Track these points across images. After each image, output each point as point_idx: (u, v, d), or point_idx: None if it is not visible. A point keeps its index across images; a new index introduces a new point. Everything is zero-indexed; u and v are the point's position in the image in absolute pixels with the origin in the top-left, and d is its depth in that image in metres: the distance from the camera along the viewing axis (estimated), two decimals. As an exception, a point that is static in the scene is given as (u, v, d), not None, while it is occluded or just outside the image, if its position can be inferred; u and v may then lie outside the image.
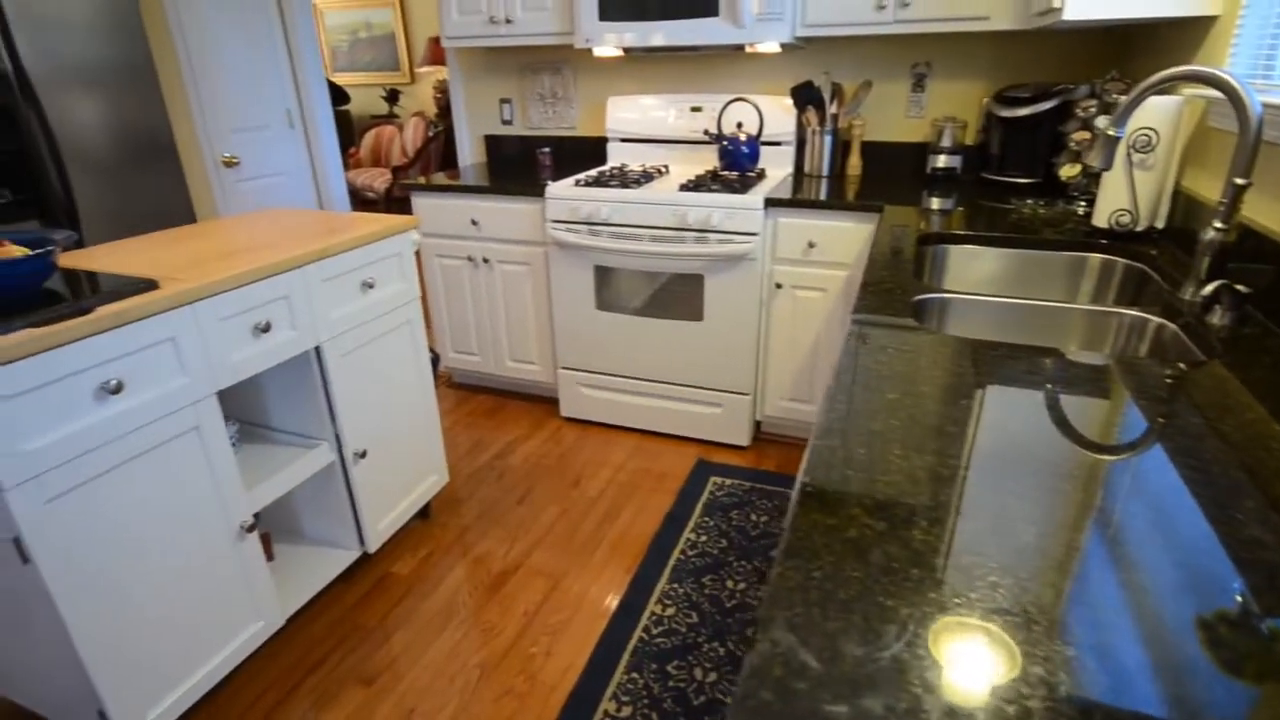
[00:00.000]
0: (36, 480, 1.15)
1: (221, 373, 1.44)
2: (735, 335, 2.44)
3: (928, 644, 0.52)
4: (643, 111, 2.84)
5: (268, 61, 3.36)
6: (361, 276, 1.77)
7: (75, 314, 1.20)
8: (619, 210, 2.41)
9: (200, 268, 1.47)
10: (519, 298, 2.76)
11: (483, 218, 2.67)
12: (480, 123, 3.26)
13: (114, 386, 1.23)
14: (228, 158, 3.23)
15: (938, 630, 0.53)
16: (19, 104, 2.40)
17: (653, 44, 2.42)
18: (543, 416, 2.93)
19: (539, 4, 2.58)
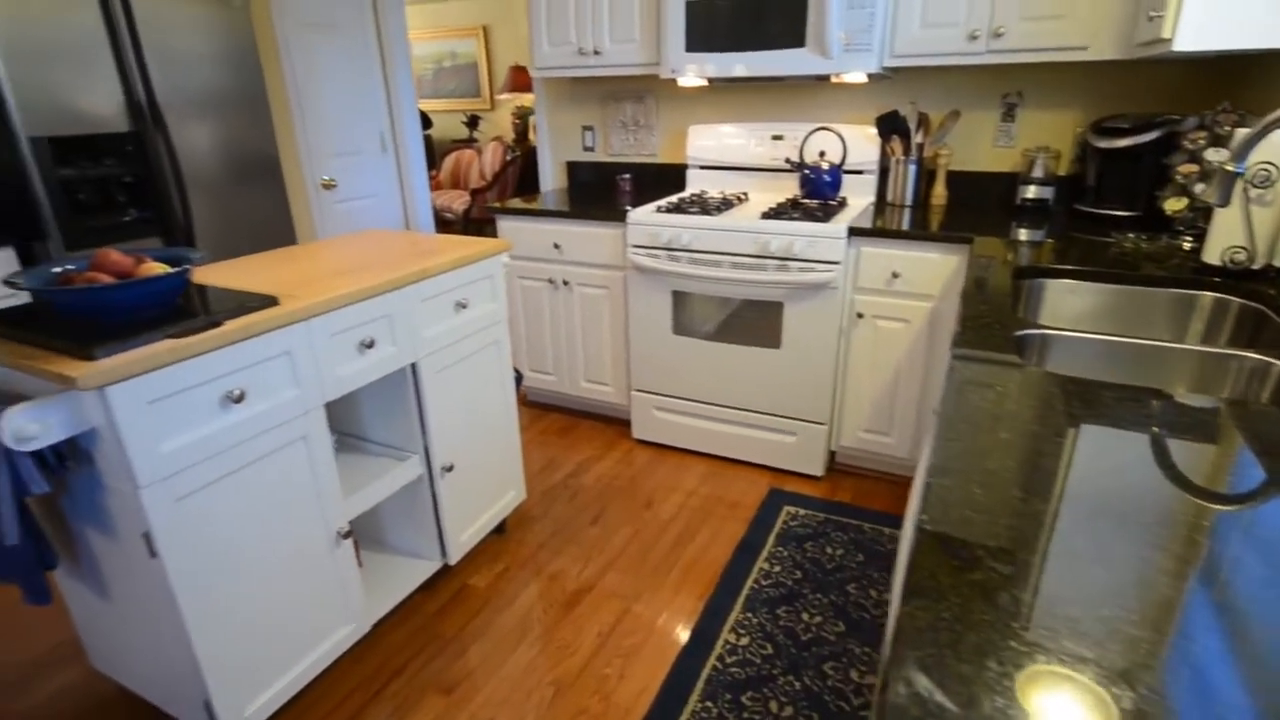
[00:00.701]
0: (168, 480, 1.24)
1: (329, 385, 1.52)
2: (813, 364, 2.42)
3: (1059, 693, 0.51)
4: (723, 139, 2.87)
5: (366, 90, 3.56)
6: (456, 297, 1.84)
7: (208, 327, 1.29)
8: (700, 236, 2.44)
9: (313, 286, 1.56)
10: (596, 320, 2.81)
11: (565, 241, 2.74)
12: (563, 149, 3.36)
13: (237, 396, 1.32)
14: (326, 180, 3.42)
15: (1070, 679, 0.52)
16: (150, 130, 2.60)
17: (738, 75, 2.45)
18: (614, 437, 2.96)
19: (627, 36, 2.65)
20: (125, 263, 1.33)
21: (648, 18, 2.60)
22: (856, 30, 2.25)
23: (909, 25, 2.26)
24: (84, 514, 1.36)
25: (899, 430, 2.42)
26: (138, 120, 2.57)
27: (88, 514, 1.35)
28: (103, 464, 1.23)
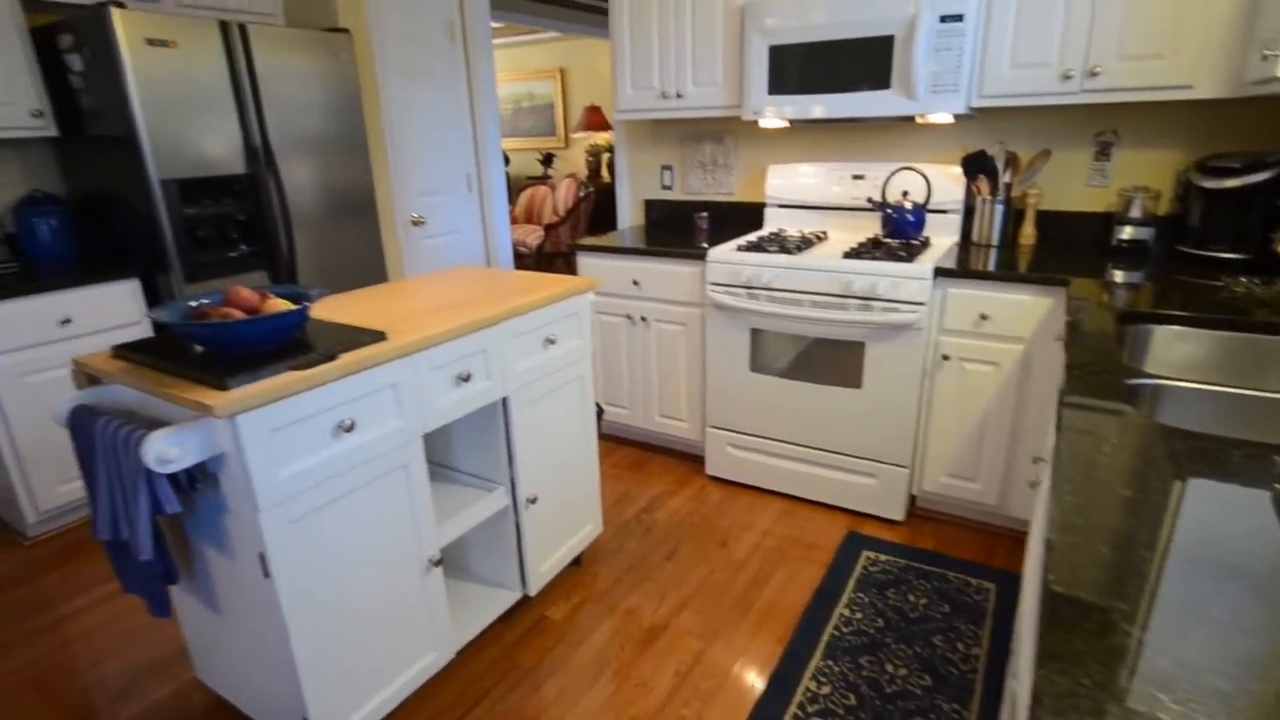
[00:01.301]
0: (284, 504, 1.31)
1: (429, 417, 1.59)
2: (895, 405, 2.38)
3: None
4: (802, 179, 2.89)
5: (455, 132, 3.74)
6: (545, 333, 1.90)
7: (325, 360, 1.37)
8: (780, 275, 2.44)
9: (415, 322, 1.64)
10: (673, 356, 2.84)
11: (644, 278, 2.79)
12: (641, 187, 3.44)
13: (348, 425, 1.39)
14: (415, 217, 3.59)
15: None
16: (263, 172, 2.81)
17: (821, 116, 2.47)
18: (687, 473, 2.96)
19: (710, 79, 2.72)
20: (253, 299, 1.44)
21: (730, 62, 2.66)
22: (943, 72, 2.24)
23: (998, 66, 2.24)
24: (205, 533, 1.45)
25: (986, 477, 2.34)
26: (253, 163, 2.77)
27: (208, 533, 1.44)
28: (227, 487, 1.31)
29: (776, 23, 2.46)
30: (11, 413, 2.43)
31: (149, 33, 2.40)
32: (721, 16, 2.63)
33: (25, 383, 2.45)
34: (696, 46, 2.72)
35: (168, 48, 2.45)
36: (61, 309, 2.50)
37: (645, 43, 2.82)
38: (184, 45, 2.49)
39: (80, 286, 2.53)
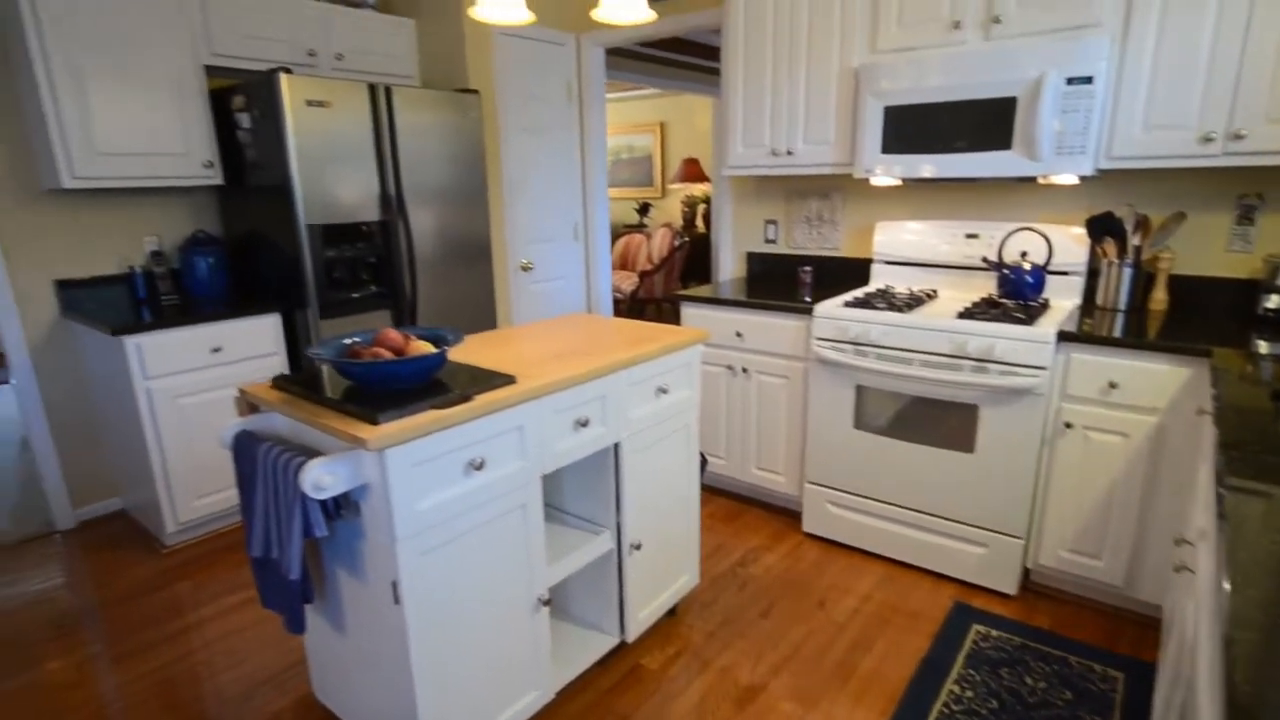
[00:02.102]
0: (418, 535, 1.39)
1: (549, 459, 1.65)
2: (1010, 472, 2.28)
3: None
4: (912, 236, 2.86)
5: (565, 184, 3.92)
6: (658, 382, 1.95)
7: (461, 400, 1.46)
8: (889, 333, 2.41)
9: (539, 366, 1.72)
10: (773, 408, 2.83)
11: (747, 330, 2.81)
12: (744, 240, 3.49)
13: (478, 463, 1.47)
14: (525, 263, 3.77)
15: None
16: (394, 219, 3.03)
17: (937, 176, 2.46)
18: (783, 528, 2.91)
19: (822, 138, 2.76)
20: (399, 340, 1.55)
21: (843, 121, 2.70)
22: (1069, 133, 2.20)
23: (1129, 127, 2.18)
24: (339, 557, 1.55)
25: (1112, 554, 2.19)
26: (386, 210, 3.00)
27: (343, 558, 1.53)
28: (368, 516, 1.40)
29: (892, 85, 2.49)
30: (164, 430, 2.68)
31: (309, 95, 2.66)
32: (835, 78, 2.68)
33: (178, 404, 2.70)
34: (809, 106, 2.77)
35: (324, 107, 2.71)
36: (214, 338, 2.75)
37: (757, 103, 2.90)
38: (337, 105, 2.75)
39: (230, 319, 2.78)
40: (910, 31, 2.50)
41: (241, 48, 2.93)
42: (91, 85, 2.57)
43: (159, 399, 2.64)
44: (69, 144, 2.55)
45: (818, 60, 2.71)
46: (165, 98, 2.75)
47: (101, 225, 2.96)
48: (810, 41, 2.72)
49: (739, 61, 2.92)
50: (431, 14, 3.45)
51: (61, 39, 2.49)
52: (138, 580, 2.65)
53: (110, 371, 2.72)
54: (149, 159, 2.74)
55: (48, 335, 2.89)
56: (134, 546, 2.89)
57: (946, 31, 2.42)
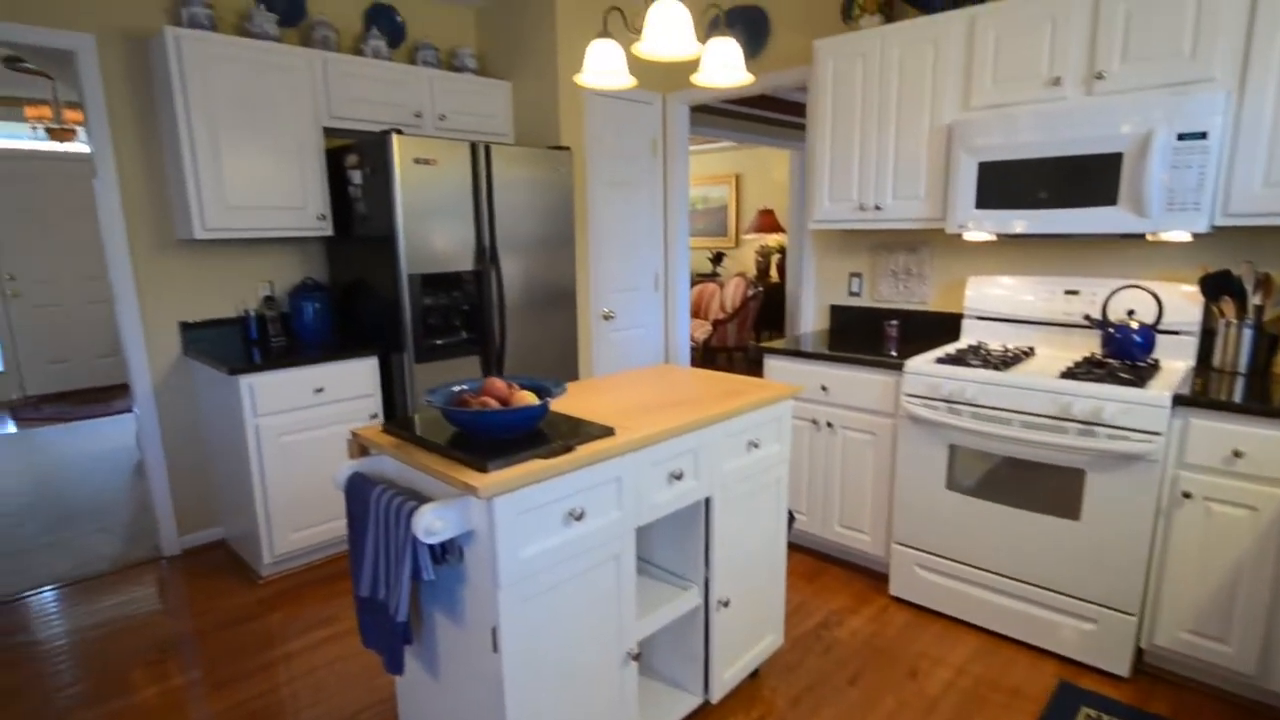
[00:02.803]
0: (519, 583, 1.41)
1: (644, 511, 1.66)
2: (1120, 543, 2.14)
3: None
4: (1007, 292, 2.78)
5: (648, 235, 4.01)
6: (750, 436, 1.94)
7: (564, 451, 1.49)
8: (986, 391, 2.34)
9: (635, 418, 1.74)
10: (859, 465, 2.76)
11: (833, 384, 2.78)
12: (827, 292, 3.47)
13: (578, 514, 1.49)
14: (607, 312, 3.85)
15: None
16: (487, 268, 3.16)
17: (1035, 232, 2.40)
18: (867, 590, 2.80)
19: (912, 193, 2.74)
20: (504, 389, 1.60)
21: (934, 176, 2.68)
22: (1181, 190, 2.12)
23: (1248, 183, 2.09)
24: (439, 602, 1.58)
25: (1241, 639, 2.02)
26: (480, 260, 3.13)
27: (443, 602, 1.56)
28: (471, 561, 1.43)
29: (986, 141, 2.46)
30: (268, 466, 2.82)
31: (417, 153, 2.84)
32: (927, 134, 2.68)
33: (281, 441, 2.85)
34: (899, 162, 2.77)
35: (429, 165, 2.88)
36: (317, 379, 2.90)
37: (845, 158, 2.91)
38: (442, 162, 2.92)
39: (333, 361, 2.94)
40: (1005, 88, 2.48)
41: (356, 110, 3.16)
42: (225, 147, 2.81)
43: (265, 435, 2.79)
44: (203, 199, 2.78)
45: (908, 117, 2.72)
46: (288, 157, 2.98)
47: (222, 272, 3.20)
48: (900, 99, 2.73)
49: (827, 118, 2.95)
50: (527, 77, 3.64)
51: (205, 108, 2.74)
52: (233, 609, 2.76)
53: (223, 408, 2.90)
54: (270, 212, 2.97)
55: (169, 372, 3.12)
56: (232, 576, 3.02)
57: (1045, 88, 2.39)
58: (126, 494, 3.97)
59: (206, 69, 2.73)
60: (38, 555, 3.21)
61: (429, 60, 3.50)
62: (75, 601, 2.84)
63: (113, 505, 3.80)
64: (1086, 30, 2.29)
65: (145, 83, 2.92)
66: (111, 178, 2.87)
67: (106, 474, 4.32)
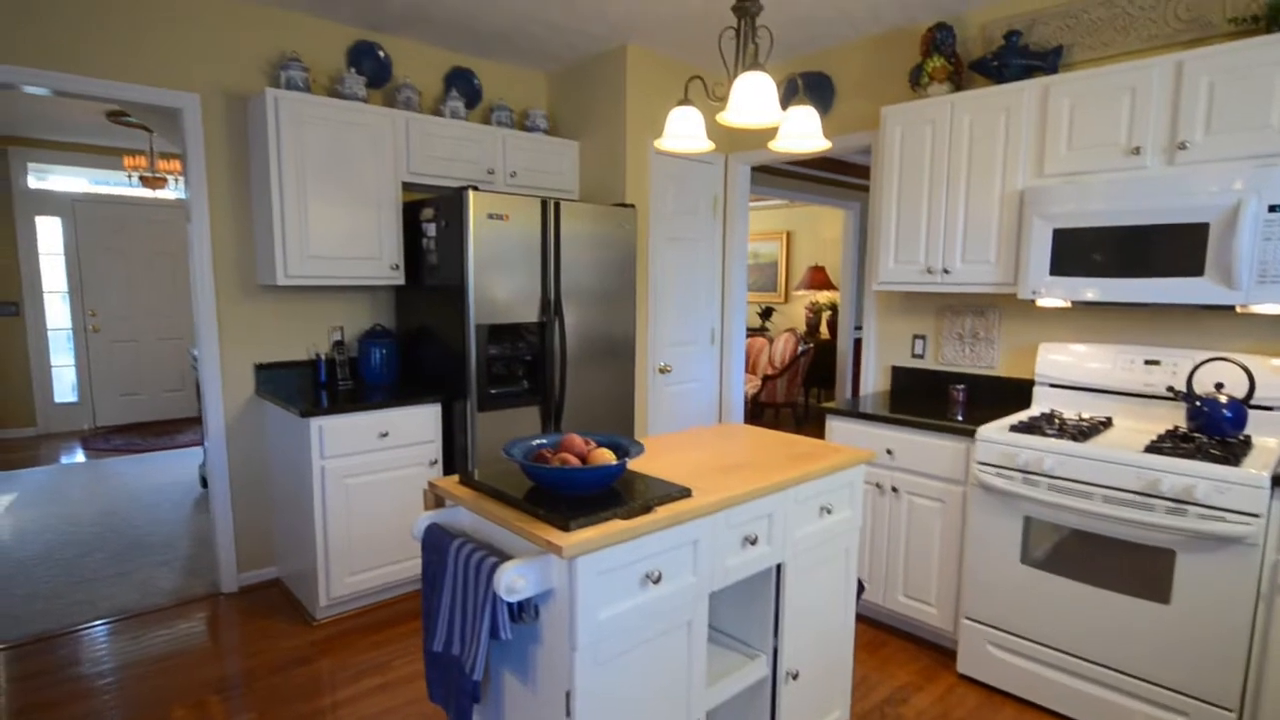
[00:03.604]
0: (596, 645, 1.39)
1: (718, 576, 1.62)
2: (1216, 631, 2.01)
3: None
4: (1080, 359, 2.71)
5: (706, 290, 4.04)
6: (822, 501, 1.90)
7: (643, 511, 1.48)
8: (1065, 463, 2.26)
9: (710, 479, 1.72)
10: (925, 533, 2.68)
11: (899, 448, 2.72)
12: (889, 353, 3.43)
13: (656, 577, 1.47)
14: (663, 366, 3.86)
15: None
16: (551, 320, 3.21)
17: (1113, 300, 2.35)
18: (933, 666, 2.68)
19: (982, 257, 2.72)
20: (583, 446, 1.61)
21: (1005, 242, 2.65)
22: (1274, 261, 2.06)
23: (1347, 257, 2.01)
24: (511, 661, 1.56)
25: (1357, 746, 1.86)
26: (544, 312, 3.19)
27: (515, 662, 1.54)
28: (547, 621, 1.42)
29: (1062, 208, 2.44)
30: (330, 508, 2.86)
31: (491, 209, 2.94)
32: (998, 199, 2.67)
33: (345, 484, 2.89)
34: (969, 226, 2.75)
35: (501, 220, 2.97)
36: (383, 424, 2.96)
37: (913, 221, 2.91)
38: (513, 218, 3.01)
39: (399, 406, 2.99)
40: (1081, 156, 2.46)
41: (433, 167, 3.30)
42: (312, 199, 2.95)
43: (330, 477, 2.84)
44: (288, 248, 2.91)
45: (978, 182, 2.72)
46: (368, 210, 3.11)
47: (297, 316, 3.32)
48: (971, 165, 2.73)
49: (893, 182, 2.97)
50: (596, 136, 3.76)
51: (295, 163, 2.90)
52: (286, 652, 2.77)
53: (291, 448, 2.98)
54: (348, 262, 3.09)
55: (241, 410, 3.22)
56: (286, 616, 3.04)
57: (1123, 157, 2.37)
58: (188, 526, 4.07)
59: (300, 127, 2.89)
60: (104, 586, 3.29)
61: (503, 120, 3.65)
62: (135, 634, 2.88)
63: (176, 538, 3.89)
64: (1168, 101, 2.28)
65: (241, 138, 3.10)
66: (205, 225, 3.03)
67: (170, 506, 4.44)
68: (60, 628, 2.90)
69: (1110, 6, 2.64)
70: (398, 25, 3.31)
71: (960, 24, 3.04)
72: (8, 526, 4.07)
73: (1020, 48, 2.73)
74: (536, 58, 3.75)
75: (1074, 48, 2.74)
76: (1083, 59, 2.73)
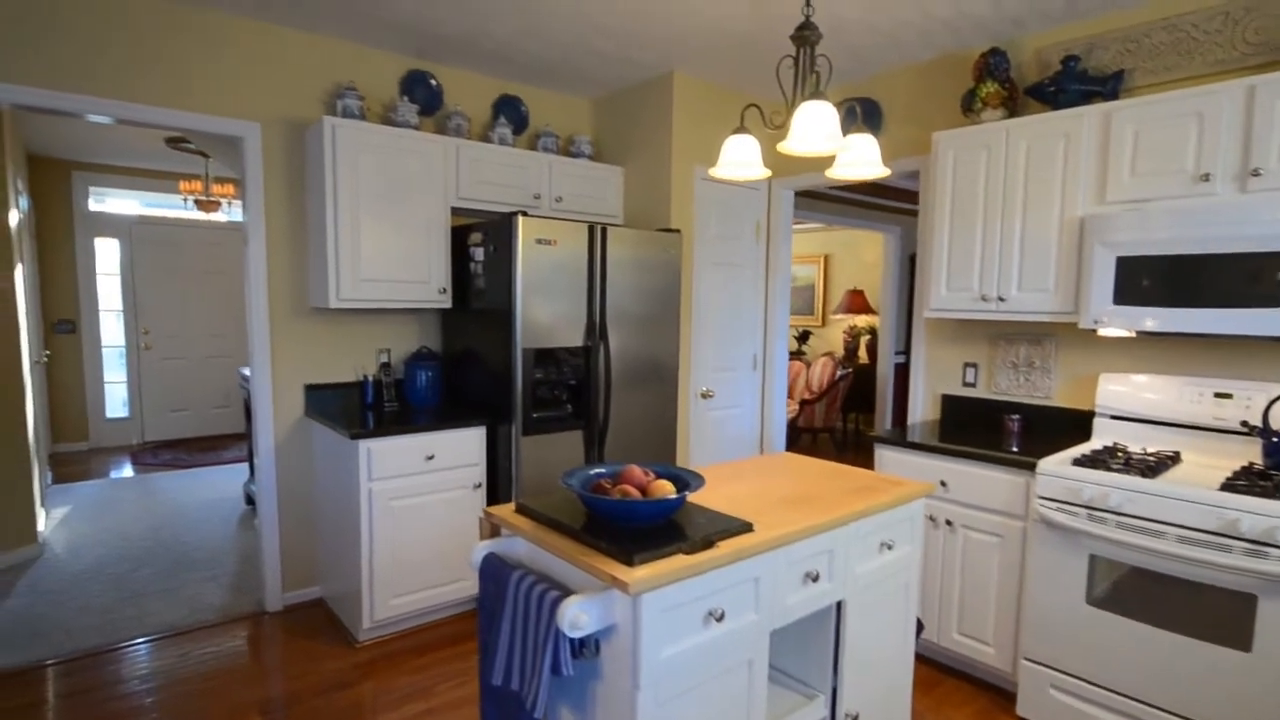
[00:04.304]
0: (658, 684, 1.35)
1: (778, 614, 1.58)
2: (1303, 684, 1.90)
3: None
4: (1145, 391, 2.62)
5: (749, 315, 4.02)
6: (882, 537, 1.85)
7: (706, 546, 1.45)
8: (1134, 500, 2.17)
9: (769, 513, 1.68)
10: (982, 568, 2.59)
11: (954, 480, 2.64)
12: (939, 381, 3.35)
13: (718, 615, 1.43)
14: (705, 391, 3.83)
15: None
16: (595, 345, 3.21)
17: (1183, 331, 2.27)
18: (990, 708, 2.57)
19: (1040, 284, 2.65)
20: (643, 478, 1.59)
21: (1065, 269, 2.59)
22: (1359, 293, 1.97)
23: None
24: (569, 697, 1.53)
25: None
26: (589, 336, 3.19)
27: (573, 698, 1.52)
28: (608, 658, 1.39)
29: (1126, 236, 2.37)
30: (376, 529, 2.87)
31: (539, 234, 2.96)
32: (1056, 226, 2.61)
33: (391, 506, 2.90)
34: (1025, 254, 2.69)
35: (549, 245, 2.99)
36: (430, 447, 2.97)
37: (966, 248, 2.86)
38: (561, 243, 3.03)
39: (445, 429, 3.01)
40: (1146, 182, 2.40)
41: (481, 192, 3.35)
42: (364, 224, 3.01)
43: (377, 499, 2.86)
44: (341, 271, 2.97)
45: (1036, 209, 2.66)
46: (418, 234, 3.16)
47: (346, 338, 3.37)
48: (1028, 191, 2.68)
49: (945, 208, 2.92)
50: (640, 162, 3.78)
51: (350, 188, 2.96)
52: (328, 674, 2.77)
53: (339, 469, 3.00)
54: (397, 285, 3.13)
55: (290, 430, 3.26)
56: (329, 637, 3.05)
57: (1191, 183, 2.30)
58: (234, 543, 4.13)
59: (355, 154, 2.96)
60: (153, 601, 3.34)
61: (549, 146, 3.69)
62: (181, 651, 2.91)
63: (221, 554, 3.95)
64: (1239, 127, 2.21)
65: (297, 164, 3.18)
66: (261, 249, 3.10)
67: (217, 522, 4.51)
68: (109, 643, 2.95)
69: (1174, 30, 2.59)
70: (449, 54, 3.37)
71: (1014, 49, 3.00)
72: (62, 539, 4.17)
73: (1079, 73, 2.68)
74: (582, 85, 3.80)
75: (1135, 72, 2.68)
76: (1144, 84, 2.67)
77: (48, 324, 6.14)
